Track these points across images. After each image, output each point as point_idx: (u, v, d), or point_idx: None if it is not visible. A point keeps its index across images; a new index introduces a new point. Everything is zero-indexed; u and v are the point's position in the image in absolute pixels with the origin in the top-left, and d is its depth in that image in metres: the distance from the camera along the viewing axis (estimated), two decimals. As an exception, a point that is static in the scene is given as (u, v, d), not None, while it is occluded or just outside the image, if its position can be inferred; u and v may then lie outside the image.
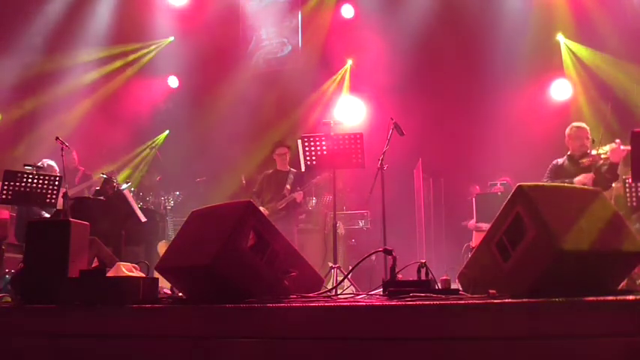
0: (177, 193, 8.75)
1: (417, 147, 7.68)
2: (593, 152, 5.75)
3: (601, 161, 5.69)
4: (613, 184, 5.64)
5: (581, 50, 8.56)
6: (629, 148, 5.21)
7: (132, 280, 2.92)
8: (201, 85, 10.18)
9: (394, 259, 2.87)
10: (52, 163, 6.97)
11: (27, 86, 9.61)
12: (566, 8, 8.43)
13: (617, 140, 5.49)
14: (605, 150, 5.58)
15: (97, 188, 7.11)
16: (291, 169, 7.06)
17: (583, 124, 6.12)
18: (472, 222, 7.26)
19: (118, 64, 10.30)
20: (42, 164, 6.83)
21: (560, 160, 6.11)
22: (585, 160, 5.83)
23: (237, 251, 2.80)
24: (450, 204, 8.76)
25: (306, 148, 5.67)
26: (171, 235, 7.90)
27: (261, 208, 6.71)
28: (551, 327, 2.05)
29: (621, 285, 2.86)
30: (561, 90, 8.44)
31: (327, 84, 9.83)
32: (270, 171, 7.28)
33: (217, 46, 9.94)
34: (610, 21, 8.03)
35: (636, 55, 7.78)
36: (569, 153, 6.06)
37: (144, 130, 10.13)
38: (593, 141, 5.84)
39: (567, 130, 6.10)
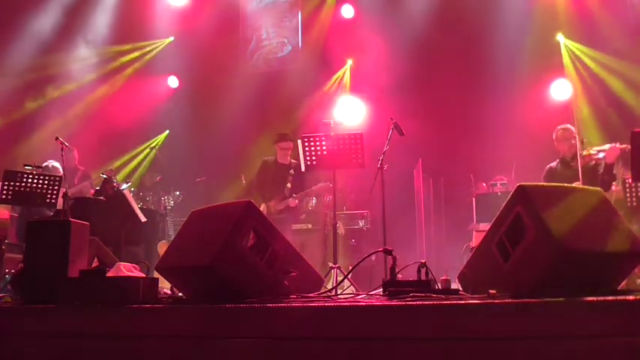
0: (177, 193, 8.75)
1: (417, 147, 7.67)
2: (584, 153, 5.73)
3: (593, 162, 5.68)
4: (613, 186, 5.63)
5: (581, 50, 8.55)
6: (623, 146, 5.23)
7: (132, 280, 2.91)
8: (201, 85, 10.17)
9: (394, 259, 2.87)
10: (57, 165, 6.93)
11: (27, 86, 9.60)
12: (567, 8, 8.43)
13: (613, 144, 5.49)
14: (597, 150, 5.58)
15: (97, 188, 7.12)
16: (292, 160, 6.93)
17: (568, 125, 6.13)
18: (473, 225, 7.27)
19: (118, 64, 10.30)
20: (48, 164, 6.82)
21: (553, 164, 6.13)
22: (576, 163, 5.80)
23: (237, 251, 2.80)
24: (450, 204, 8.75)
25: (306, 148, 5.67)
26: (172, 235, 7.89)
27: (262, 206, 6.69)
28: (551, 327, 2.05)
29: (621, 285, 2.86)
30: (561, 90, 8.43)
31: (327, 84, 9.83)
32: (271, 160, 7.14)
33: (217, 46, 9.94)
34: (610, 21, 8.03)
35: (636, 55, 7.78)
36: (561, 156, 6.09)
37: (144, 130, 10.13)
38: (583, 142, 5.83)
39: (553, 135, 6.12)
